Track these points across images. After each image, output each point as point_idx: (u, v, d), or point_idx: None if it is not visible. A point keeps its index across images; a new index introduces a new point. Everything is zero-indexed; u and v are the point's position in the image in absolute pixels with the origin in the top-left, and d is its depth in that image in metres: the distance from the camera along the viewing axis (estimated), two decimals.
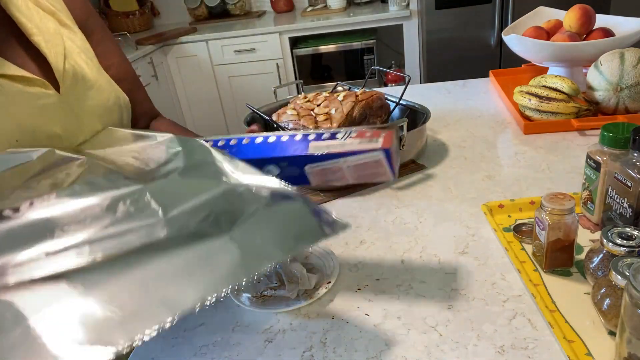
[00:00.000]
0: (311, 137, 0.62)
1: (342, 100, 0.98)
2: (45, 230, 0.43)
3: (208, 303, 0.39)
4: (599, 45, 1.07)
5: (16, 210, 0.44)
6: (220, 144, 0.66)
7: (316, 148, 0.60)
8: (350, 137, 0.61)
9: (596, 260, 0.59)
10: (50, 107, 0.68)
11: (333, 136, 0.62)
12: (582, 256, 0.66)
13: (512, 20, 2.44)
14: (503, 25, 2.52)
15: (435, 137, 1.10)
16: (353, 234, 0.79)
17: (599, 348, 0.52)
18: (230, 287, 0.40)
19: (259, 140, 0.64)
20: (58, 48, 0.71)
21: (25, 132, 0.66)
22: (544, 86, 1.06)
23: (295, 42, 3.02)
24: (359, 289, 0.67)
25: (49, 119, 0.68)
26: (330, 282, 0.67)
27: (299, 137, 0.63)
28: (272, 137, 0.64)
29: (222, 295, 0.40)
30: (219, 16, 3.29)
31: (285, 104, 1.16)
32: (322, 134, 0.63)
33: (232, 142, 0.65)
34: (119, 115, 0.78)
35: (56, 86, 0.70)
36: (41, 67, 0.69)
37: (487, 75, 1.41)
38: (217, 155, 0.56)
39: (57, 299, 0.38)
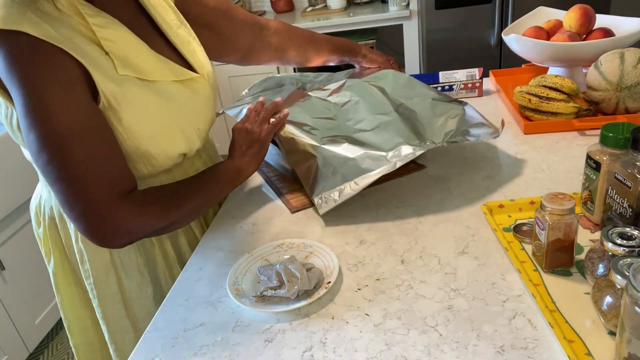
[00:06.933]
0: None
1: None
2: None
3: None
4: (599, 45, 1.07)
5: None
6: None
7: None
8: None
9: (596, 260, 0.59)
10: (208, 97, 0.86)
11: None
12: (582, 256, 0.66)
13: (512, 20, 2.44)
14: (503, 25, 2.52)
15: None
16: (353, 234, 0.79)
17: (599, 348, 0.53)
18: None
19: None
20: (200, 56, 0.87)
21: (205, 120, 0.86)
22: (544, 86, 1.06)
23: None
24: (359, 289, 0.67)
25: (207, 106, 0.86)
26: (330, 282, 0.67)
27: None
28: None
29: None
30: None
31: None
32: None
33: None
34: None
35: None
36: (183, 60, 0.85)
37: (487, 75, 1.40)
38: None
39: None
